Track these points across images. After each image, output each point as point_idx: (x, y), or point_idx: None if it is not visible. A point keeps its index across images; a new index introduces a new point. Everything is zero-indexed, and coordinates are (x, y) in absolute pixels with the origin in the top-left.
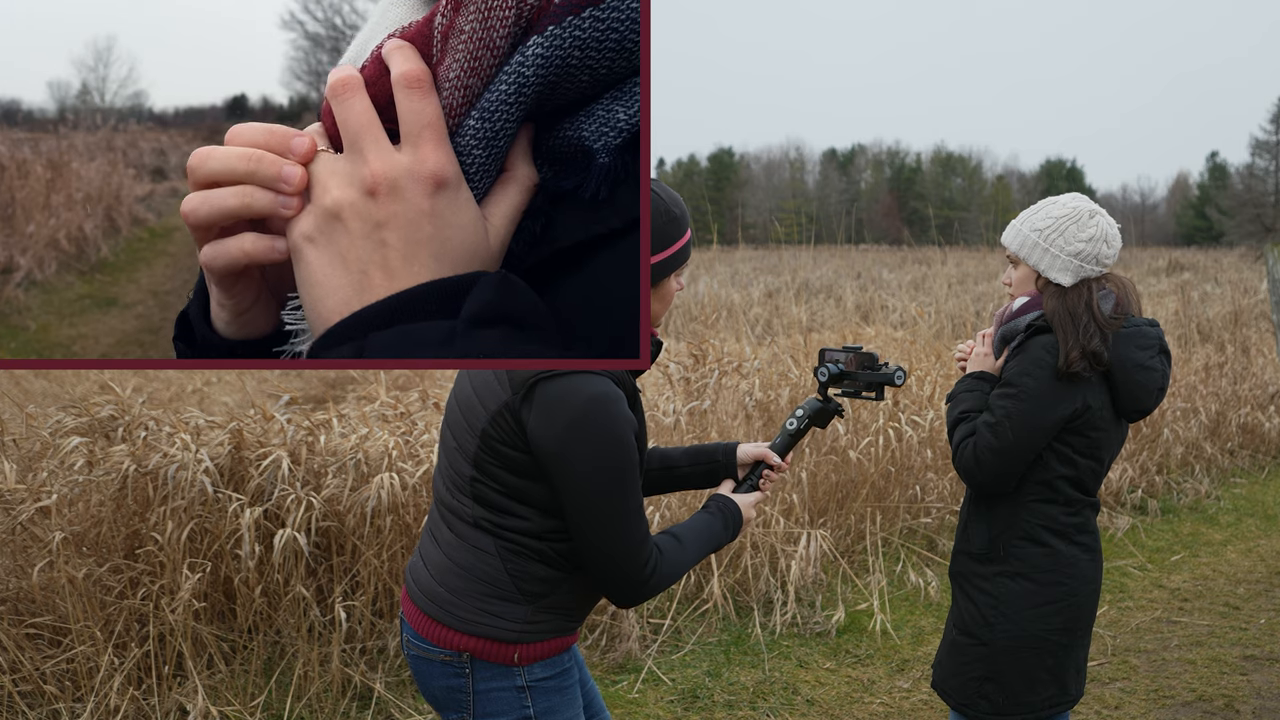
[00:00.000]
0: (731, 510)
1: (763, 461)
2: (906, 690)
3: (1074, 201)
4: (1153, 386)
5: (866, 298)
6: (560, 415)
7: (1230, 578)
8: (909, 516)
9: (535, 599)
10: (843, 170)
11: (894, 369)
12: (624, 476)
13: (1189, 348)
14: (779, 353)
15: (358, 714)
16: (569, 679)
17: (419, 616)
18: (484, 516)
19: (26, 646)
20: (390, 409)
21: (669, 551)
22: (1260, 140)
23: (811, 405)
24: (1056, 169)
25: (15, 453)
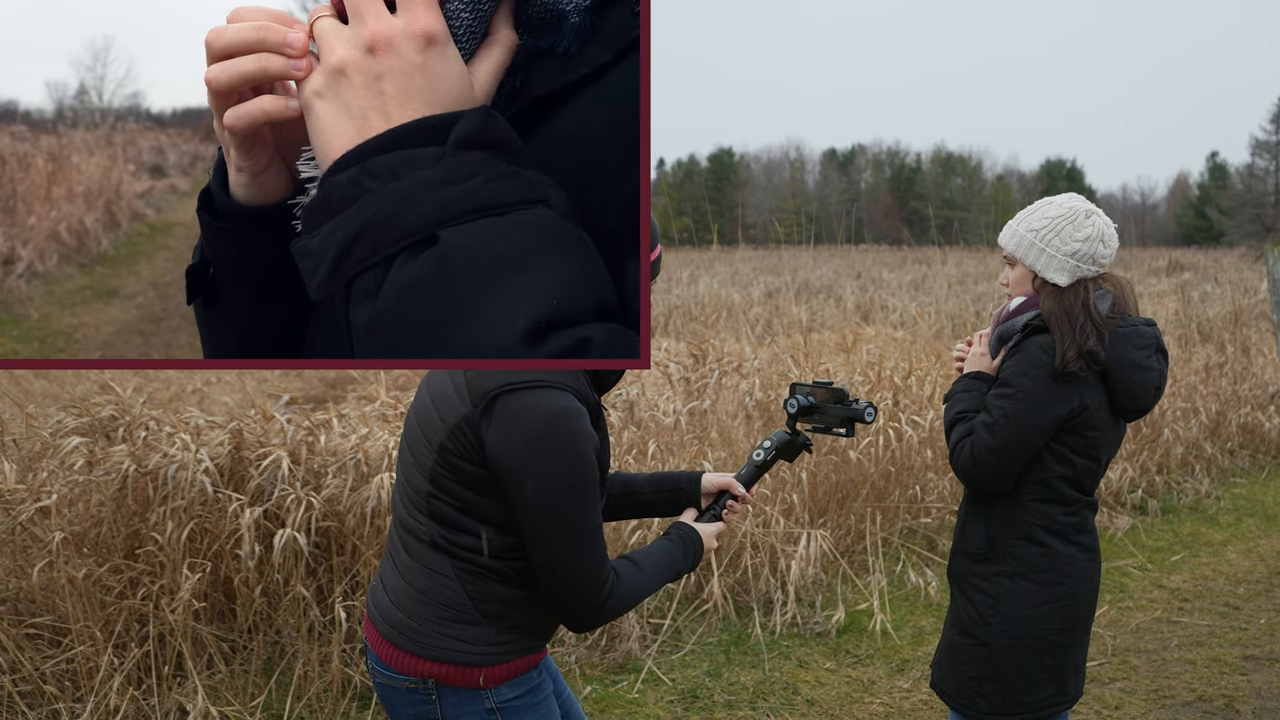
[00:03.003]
0: (693, 539)
1: (727, 491)
2: (906, 690)
3: (1070, 202)
4: (1150, 386)
5: (866, 298)
6: (520, 430)
7: (1230, 578)
8: (909, 516)
9: (497, 620)
10: (843, 170)
11: (864, 405)
12: (583, 495)
13: (1189, 348)
14: (779, 353)
15: (358, 714)
16: (540, 694)
17: (381, 643)
18: (440, 534)
19: (26, 646)
20: (390, 409)
21: (626, 576)
22: (1260, 140)
23: (779, 438)
24: (1056, 169)
25: (15, 453)
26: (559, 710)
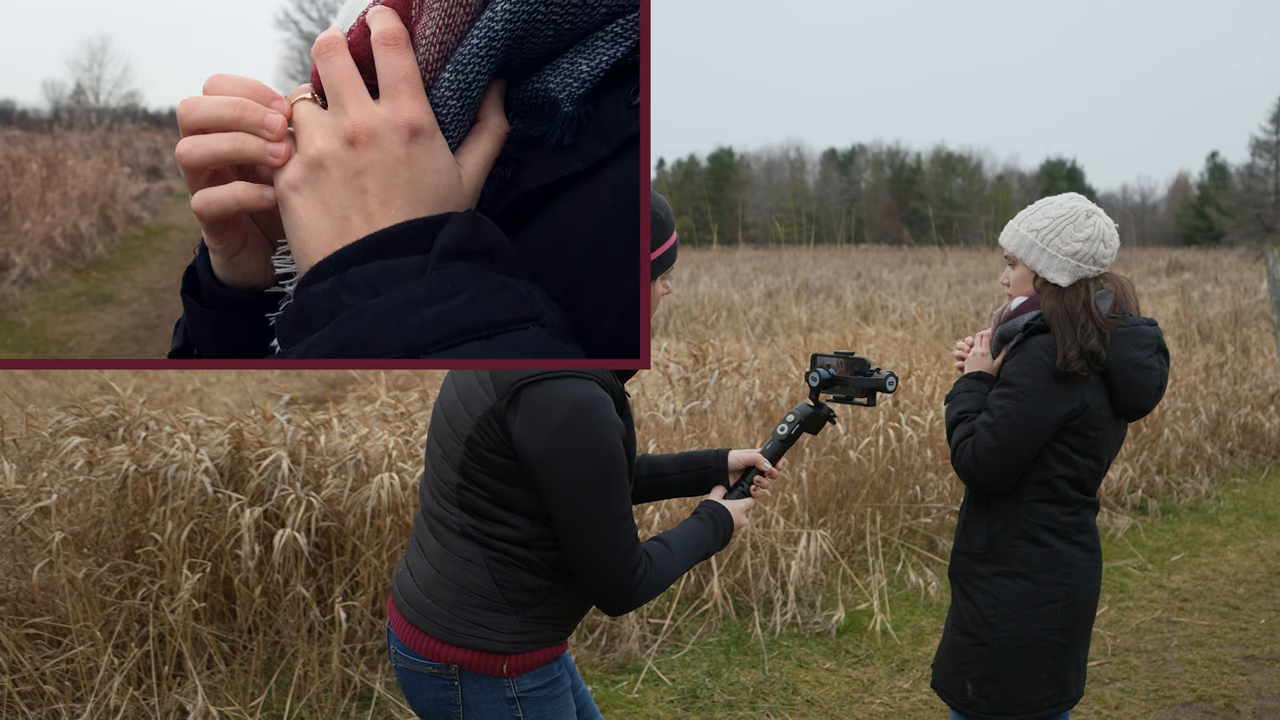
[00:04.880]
0: (722, 516)
1: (754, 467)
2: (906, 690)
3: (1070, 202)
4: (1151, 385)
5: (866, 298)
6: (546, 420)
7: (1230, 578)
8: (909, 516)
9: (524, 609)
10: (843, 170)
11: (885, 375)
12: (611, 481)
13: (1189, 348)
14: (779, 353)
15: (357, 714)
16: (560, 687)
17: (406, 628)
18: (471, 524)
19: (26, 646)
20: (390, 409)
21: (658, 559)
22: (1260, 140)
23: (803, 411)
24: (1057, 169)
25: (15, 453)
26: (574, 706)
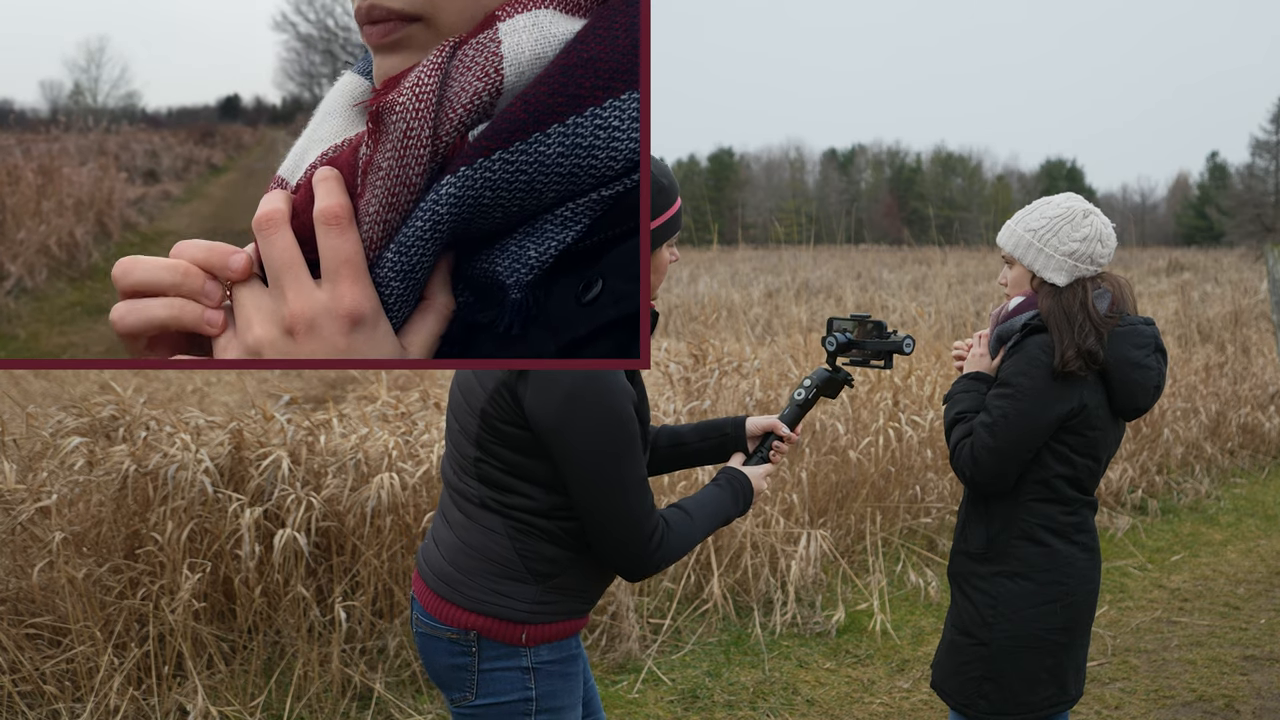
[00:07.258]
0: (741, 482)
1: (772, 433)
2: (906, 690)
3: (1068, 201)
4: (1149, 385)
5: (867, 298)
6: (556, 389)
7: (1230, 578)
8: (909, 516)
9: (544, 579)
10: (843, 170)
11: (903, 337)
12: (624, 448)
13: (1189, 348)
14: (779, 353)
15: (357, 714)
16: (574, 665)
17: (428, 595)
18: (490, 496)
19: (26, 646)
20: (390, 409)
21: (676, 525)
22: (1260, 140)
23: (820, 375)
24: (1057, 169)
25: (15, 453)
26: (582, 690)
